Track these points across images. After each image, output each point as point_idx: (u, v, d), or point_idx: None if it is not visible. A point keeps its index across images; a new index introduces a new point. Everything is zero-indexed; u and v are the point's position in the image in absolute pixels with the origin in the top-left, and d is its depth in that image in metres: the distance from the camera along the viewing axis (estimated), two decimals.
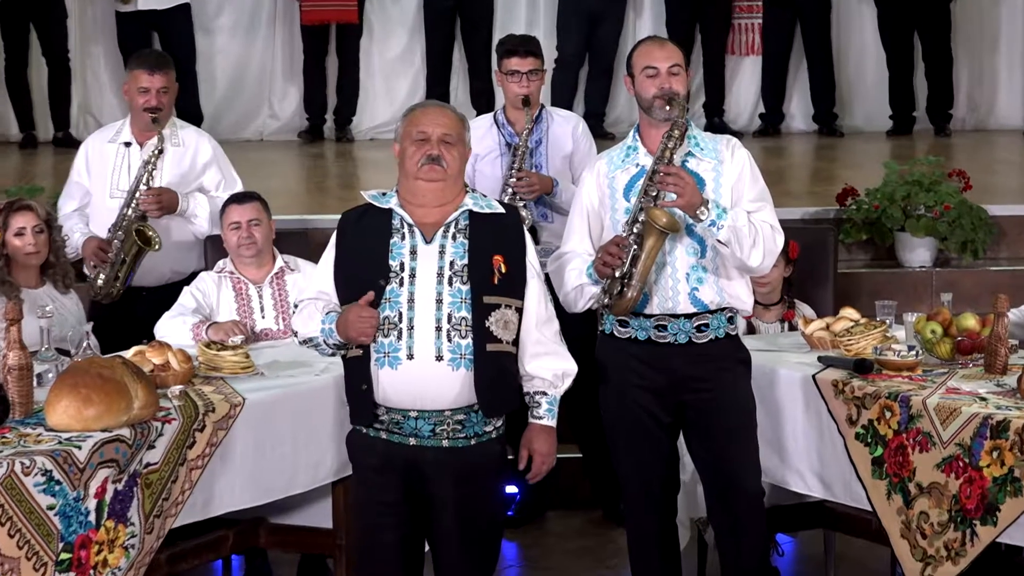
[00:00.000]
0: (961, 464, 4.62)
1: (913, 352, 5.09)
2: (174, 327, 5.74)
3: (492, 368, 4.48)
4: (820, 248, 6.48)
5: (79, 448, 4.31)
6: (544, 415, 4.65)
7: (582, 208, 5.04)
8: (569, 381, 4.67)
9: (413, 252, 4.51)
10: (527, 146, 6.34)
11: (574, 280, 4.95)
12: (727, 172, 4.93)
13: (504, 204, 4.72)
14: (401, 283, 4.48)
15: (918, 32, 10.58)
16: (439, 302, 4.47)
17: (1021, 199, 8.23)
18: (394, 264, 4.50)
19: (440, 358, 4.46)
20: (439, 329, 4.45)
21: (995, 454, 4.52)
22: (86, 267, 6.42)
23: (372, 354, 4.49)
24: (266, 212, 6.07)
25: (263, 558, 5.90)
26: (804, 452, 5.20)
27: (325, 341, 4.56)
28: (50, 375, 4.94)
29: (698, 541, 5.59)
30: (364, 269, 4.52)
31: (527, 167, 6.34)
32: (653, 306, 4.91)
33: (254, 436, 4.93)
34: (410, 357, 4.46)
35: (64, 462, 4.25)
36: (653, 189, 4.82)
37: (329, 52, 10.79)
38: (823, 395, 5.08)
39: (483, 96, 10.41)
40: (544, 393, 4.64)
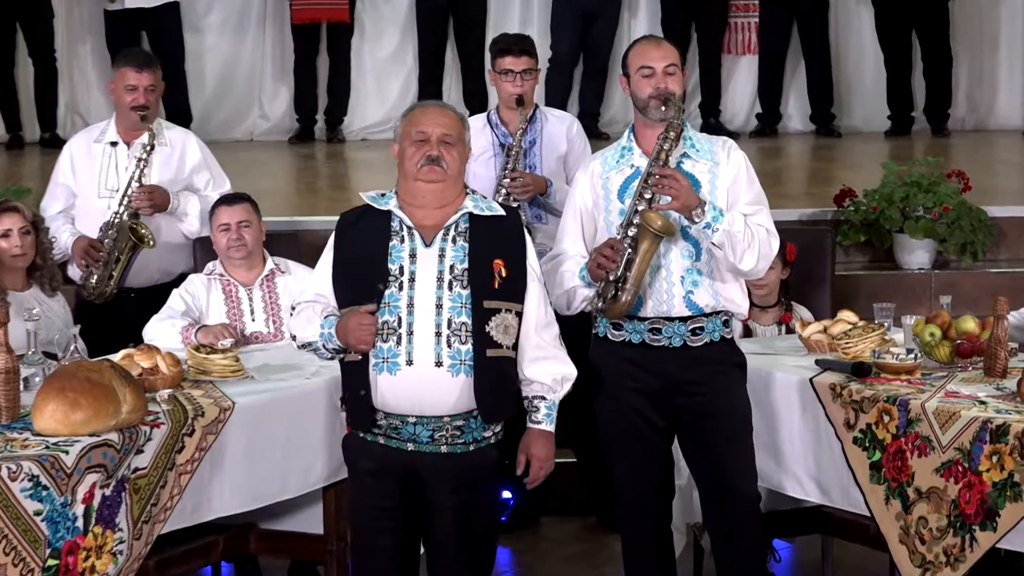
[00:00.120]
0: (960, 469, 4.60)
1: (912, 355, 5.09)
2: (163, 330, 5.72)
3: (492, 374, 4.46)
4: (818, 250, 6.47)
5: (66, 453, 4.29)
6: (543, 420, 4.62)
7: (575, 209, 5.02)
8: (568, 386, 4.64)
9: (412, 256, 4.48)
10: (521, 146, 6.33)
11: (567, 282, 4.93)
12: (723, 174, 4.92)
13: (505, 206, 4.70)
14: (400, 287, 4.45)
15: (916, 31, 10.56)
16: (439, 307, 4.44)
17: (1021, 200, 8.20)
18: (393, 268, 4.47)
19: (440, 364, 4.43)
20: (439, 334, 4.43)
21: (995, 458, 4.50)
22: (71, 268, 6.41)
23: (371, 359, 4.46)
24: (256, 214, 6.06)
25: (253, 564, 5.88)
26: (801, 456, 5.18)
27: (324, 345, 4.53)
28: (37, 379, 4.92)
29: (694, 547, 5.58)
30: (363, 272, 4.49)
31: (521, 167, 6.32)
32: (647, 309, 4.90)
33: (244, 440, 4.92)
34: (409, 363, 4.43)
35: (51, 467, 4.23)
36: (648, 192, 4.82)
37: (320, 51, 10.77)
38: (820, 399, 5.06)
39: (476, 96, 10.39)
40: (543, 398, 4.61)
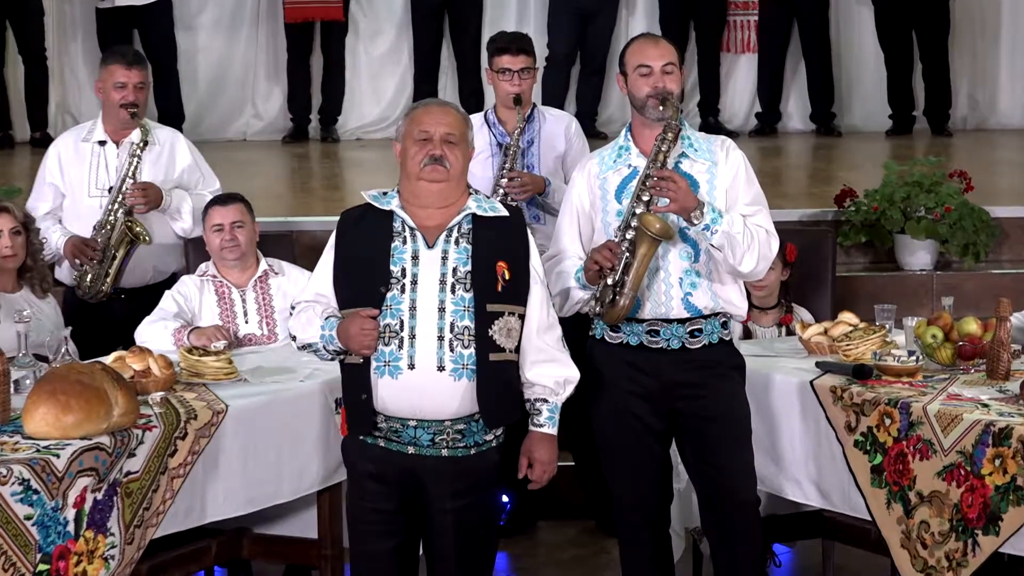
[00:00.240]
0: (963, 472, 4.59)
1: (913, 357, 5.07)
2: (155, 332, 5.70)
3: (494, 378, 4.44)
4: (818, 251, 6.45)
5: (57, 456, 4.27)
6: (545, 423, 4.60)
7: (572, 209, 5.00)
8: (571, 388, 4.63)
9: (415, 257, 4.46)
10: (519, 146, 6.31)
11: (563, 284, 4.91)
12: (721, 174, 4.90)
13: (508, 206, 4.67)
14: (402, 290, 4.43)
15: (916, 30, 10.55)
16: (441, 310, 4.42)
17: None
18: (395, 270, 4.44)
19: (442, 368, 4.41)
20: (441, 339, 4.40)
21: (997, 462, 4.49)
22: (58, 269, 6.38)
23: (372, 363, 4.44)
24: (249, 214, 6.05)
25: (247, 569, 5.84)
26: (801, 460, 5.17)
27: (325, 347, 4.51)
28: (28, 381, 4.92)
29: (693, 552, 5.56)
30: (364, 274, 4.47)
31: (519, 167, 6.30)
32: (646, 311, 4.88)
33: (237, 444, 4.91)
34: (411, 367, 4.41)
35: (42, 471, 4.21)
36: (646, 194, 4.79)
37: (314, 50, 10.74)
38: (821, 401, 5.05)
39: (472, 95, 10.38)
40: (545, 400, 4.60)
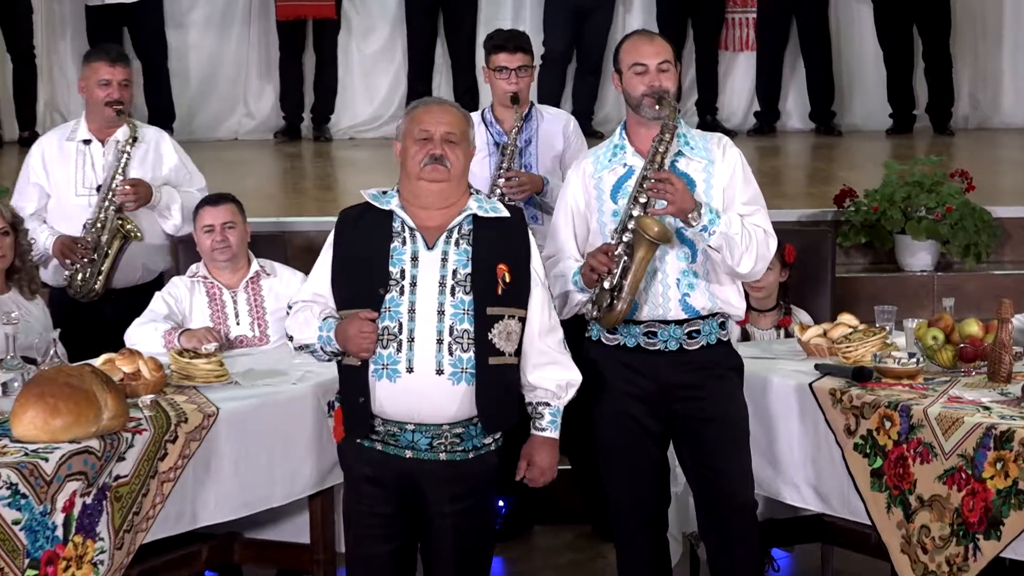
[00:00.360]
0: (964, 476, 4.57)
1: (914, 360, 5.07)
2: (145, 334, 5.69)
3: (494, 382, 4.43)
4: (817, 252, 6.44)
5: (46, 460, 4.25)
6: (547, 427, 4.59)
7: (567, 209, 4.97)
8: (573, 391, 4.62)
9: (414, 258, 4.43)
10: (516, 145, 6.29)
11: (559, 287, 4.88)
12: (718, 172, 4.87)
13: (509, 207, 4.64)
14: (401, 292, 4.40)
15: (917, 27, 10.56)
16: (441, 313, 4.39)
17: None
18: (394, 271, 4.42)
19: (441, 372, 4.39)
20: (440, 342, 4.39)
21: (999, 465, 4.48)
22: (44, 271, 6.31)
23: (370, 365, 4.42)
24: (241, 214, 6.03)
25: (238, 574, 5.85)
26: (800, 463, 5.16)
27: (322, 348, 4.49)
28: (16, 384, 4.89)
29: (690, 556, 5.55)
30: (363, 275, 4.45)
31: (516, 166, 6.29)
32: (643, 313, 4.86)
33: (228, 447, 4.90)
34: (410, 370, 4.39)
35: (30, 475, 4.19)
36: (643, 196, 4.76)
37: (306, 48, 10.74)
38: (820, 404, 5.03)
39: (467, 93, 10.37)
40: (547, 404, 4.59)
